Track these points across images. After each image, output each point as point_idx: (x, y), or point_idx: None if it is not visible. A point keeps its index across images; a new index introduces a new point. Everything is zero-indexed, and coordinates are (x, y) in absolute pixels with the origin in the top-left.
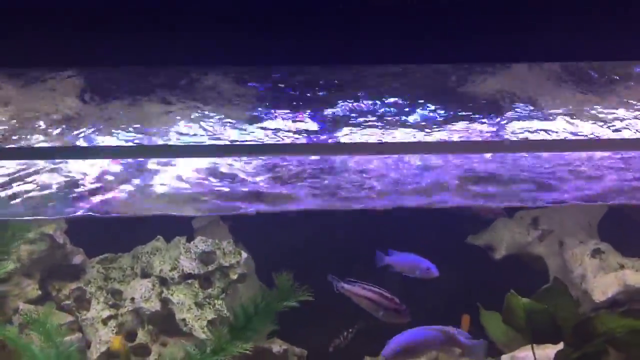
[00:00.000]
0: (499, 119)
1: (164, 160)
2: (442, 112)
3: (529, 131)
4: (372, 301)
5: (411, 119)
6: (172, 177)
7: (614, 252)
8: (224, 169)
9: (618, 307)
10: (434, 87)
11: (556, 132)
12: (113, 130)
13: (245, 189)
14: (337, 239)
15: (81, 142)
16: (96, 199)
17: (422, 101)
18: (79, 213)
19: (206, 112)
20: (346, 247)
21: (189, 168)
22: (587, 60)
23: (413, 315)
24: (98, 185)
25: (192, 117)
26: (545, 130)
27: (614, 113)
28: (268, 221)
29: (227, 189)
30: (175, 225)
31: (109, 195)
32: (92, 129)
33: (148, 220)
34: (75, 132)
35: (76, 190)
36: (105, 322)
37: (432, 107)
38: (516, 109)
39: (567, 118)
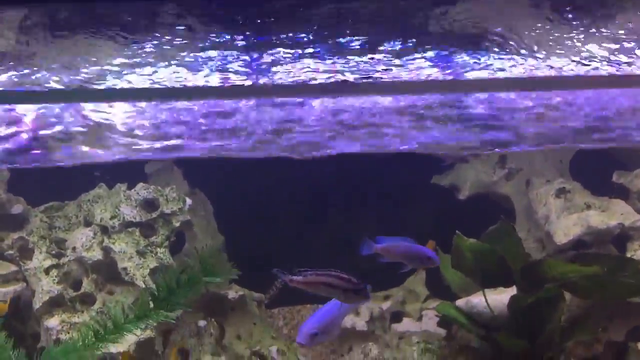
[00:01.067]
0: None
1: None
2: None
3: None
4: (329, 286)
5: None
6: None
7: (581, 191)
8: None
9: (585, 249)
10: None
11: None
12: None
13: None
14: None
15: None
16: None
17: None
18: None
19: None
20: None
21: None
22: None
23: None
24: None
25: None
26: None
27: None
28: (224, 165)
29: None
30: (128, 171)
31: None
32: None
33: (98, 166)
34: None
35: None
36: (47, 271)
37: None
38: None
39: None
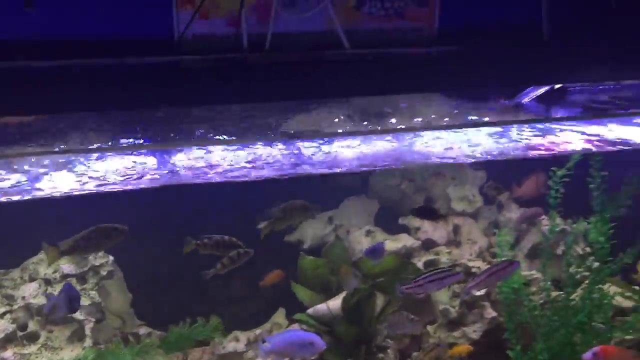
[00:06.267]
0: None
1: None
2: None
3: None
4: None
5: None
6: None
7: (381, 232)
8: None
9: None
10: None
11: None
12: None
13: None
14: None
15: None
16: None
17: None
18: None
19: None
20: None
21: None
22: None
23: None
24: None
25: None
26: None
27: None
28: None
29: None
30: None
31: None
32: None
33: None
34: None
35: None
36: (2, 316)
37: None
38: None
39: None
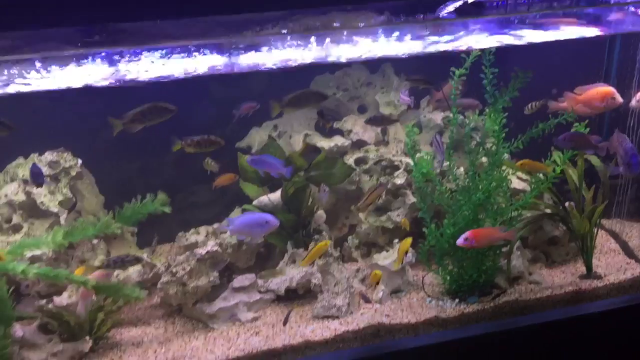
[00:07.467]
0: None
1: None
2: None
3: None
4: None
5: None
6: None
7: (318, 135)
8: None
9: None
10: None
11: None
12: None
13: None
14: None
15: None
16: None
17: None
18: None
19: None
20: None
21: None
22: None
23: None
24: None
25: None
26: None
27: None
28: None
29: None
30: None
31: None
32: None
33: None
34: None
35: None
36: None
37: None
38: None
39: None
